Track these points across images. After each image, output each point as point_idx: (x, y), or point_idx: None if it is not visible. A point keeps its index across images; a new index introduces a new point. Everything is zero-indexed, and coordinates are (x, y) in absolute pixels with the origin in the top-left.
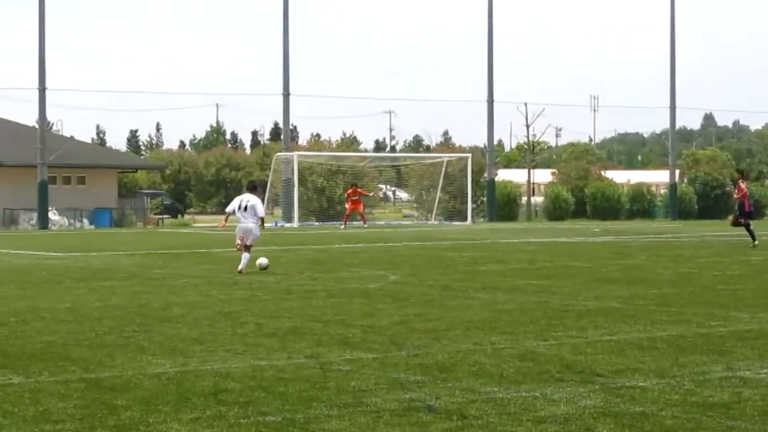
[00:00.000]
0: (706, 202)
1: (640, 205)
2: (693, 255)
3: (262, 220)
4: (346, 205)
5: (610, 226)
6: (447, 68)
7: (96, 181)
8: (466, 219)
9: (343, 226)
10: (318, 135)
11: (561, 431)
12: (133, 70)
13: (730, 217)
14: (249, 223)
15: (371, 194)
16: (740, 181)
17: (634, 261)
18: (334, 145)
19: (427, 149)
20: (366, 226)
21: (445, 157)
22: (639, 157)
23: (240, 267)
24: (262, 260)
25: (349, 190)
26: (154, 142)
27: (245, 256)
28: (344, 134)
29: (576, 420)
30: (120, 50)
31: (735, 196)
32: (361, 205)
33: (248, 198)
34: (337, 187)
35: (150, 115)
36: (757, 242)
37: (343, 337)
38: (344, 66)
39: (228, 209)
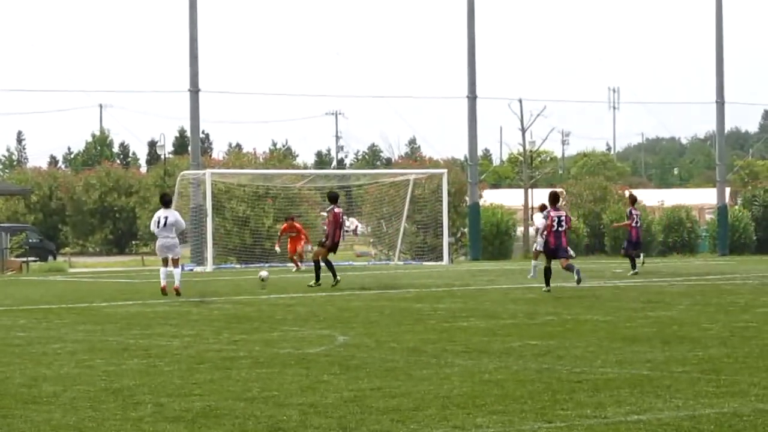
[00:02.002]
0: None
1: (678, 235)
2: (751, 303)
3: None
4: (277, 245)
5: (638, 266)
6: (414, 54)
7: None
8: (441, 258)
9: (295, 268)
10: (239, 146)
11: None
12: None
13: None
14: (169, 239)
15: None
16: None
17: (669, 312)
18: (260, 160)
19: (388, 164)
20: (295, 270)
21: (412, 174)
22: (675, 171)
23: (175, 284)
24: (263, 273)
25: (284, 225)
26: (14, 157)
27: (176, 271)
28: (274, 144)
29: None
30: None
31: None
32: (301, 244)
33: (166, 214)
34: (265, 216)
35: (8, 120)
36: None
37: (274, 420)
38: (273, 54)
39: (151, 228)
